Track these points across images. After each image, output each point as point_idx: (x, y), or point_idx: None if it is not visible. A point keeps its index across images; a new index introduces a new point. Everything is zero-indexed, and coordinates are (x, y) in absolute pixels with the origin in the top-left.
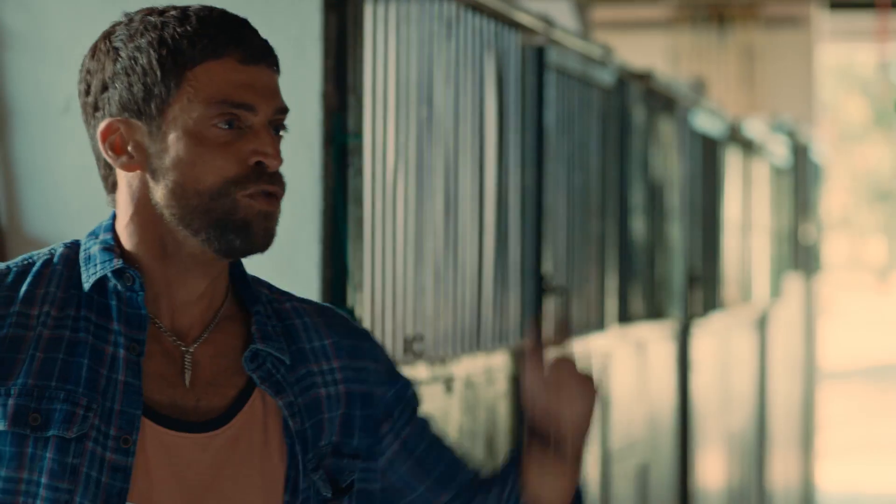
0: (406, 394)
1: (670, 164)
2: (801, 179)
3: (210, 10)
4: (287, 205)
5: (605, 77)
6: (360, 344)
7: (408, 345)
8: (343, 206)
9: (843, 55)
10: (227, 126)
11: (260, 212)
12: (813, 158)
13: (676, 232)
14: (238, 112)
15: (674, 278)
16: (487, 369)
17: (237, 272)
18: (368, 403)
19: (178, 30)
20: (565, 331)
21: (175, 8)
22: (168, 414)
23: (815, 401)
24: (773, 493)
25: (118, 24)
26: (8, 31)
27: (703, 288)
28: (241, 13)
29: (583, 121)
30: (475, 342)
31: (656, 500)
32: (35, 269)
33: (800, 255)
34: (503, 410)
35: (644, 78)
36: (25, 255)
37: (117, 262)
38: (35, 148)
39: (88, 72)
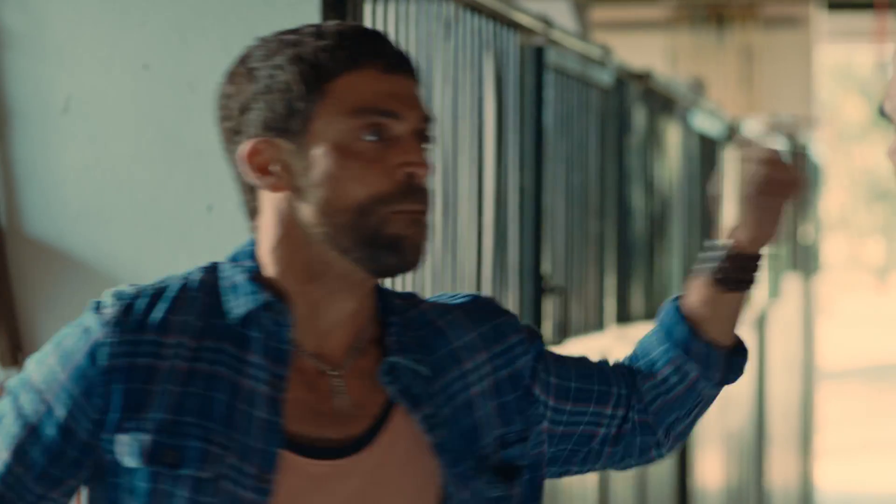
0: (541, 347)
1: (669, 165)
2: None
3: (345, 25)
4: None
5: (604, 77)
6: (499, 321)
7: None
8: None
9: (841, 55)
10: (373, 137)
11: (411, 222)
12: (812, 158)
13: (676, 232)
14: (383, 121)
15: (673, 278)
16: None
17: (377, 287)
18: (517, 383)
19: (316, 44)
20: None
21: (309, 26)
22: (312, 443)
23: (814, 401)
24: (771, 492)
25: (252, 47)
26: (7, 31)
27: None
28: (241, 12)
29: (581, 121)
30: None
31: (655, 500)
32: (171, 294)
33: (798, 256)
34: None
35: (643, 78)
36: (161, 279)
37: (266, 295)
38: (35, 148)
39: (226, 96)
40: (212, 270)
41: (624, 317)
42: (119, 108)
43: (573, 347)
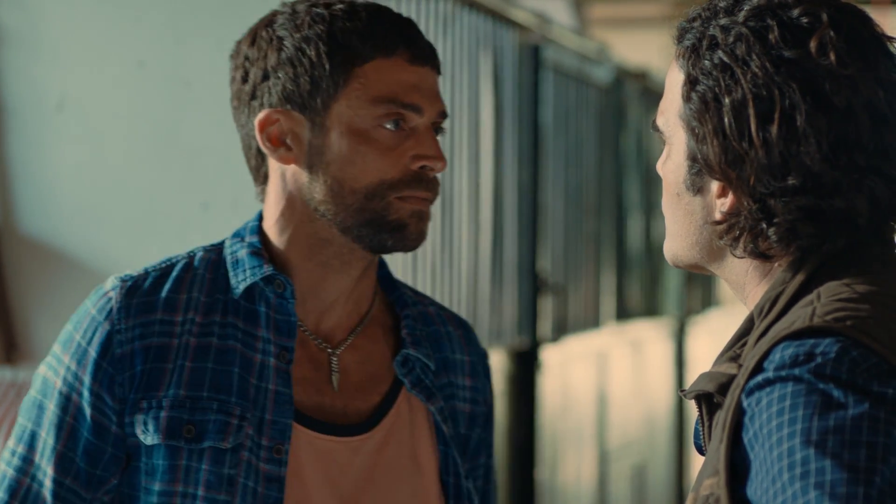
0: (491, 457)
1: None
2: None
3: (378, 8)
4: None
5: (602, 75)
6: (485, 363)
7: None
8: None
9: None
10: (392, 127)
11: (414, 212)
12: None
13: None
14: (405, 112)
15: (670, 276)
16: None
17: (384, 275)
18: (484, 425)
19: (349, 24)
20: None
21: (341, 2)
22: (318, 418)
23: None
24: None
25: (279, 13)
26: (3, 29)
27: (700, 285)
28: (236, 10)
29: (579, 118)
30: None
31: (653, 500)
32: (175, 273)
33: None
34: (499, 409)
35: (640, 76)
36: (164, 259)
37: (268, 269)
38: (29, 146)
39: (247, 59)
40: (217, 247)
41: (621, 314)
42: (114, 106)
43: (571, 344)
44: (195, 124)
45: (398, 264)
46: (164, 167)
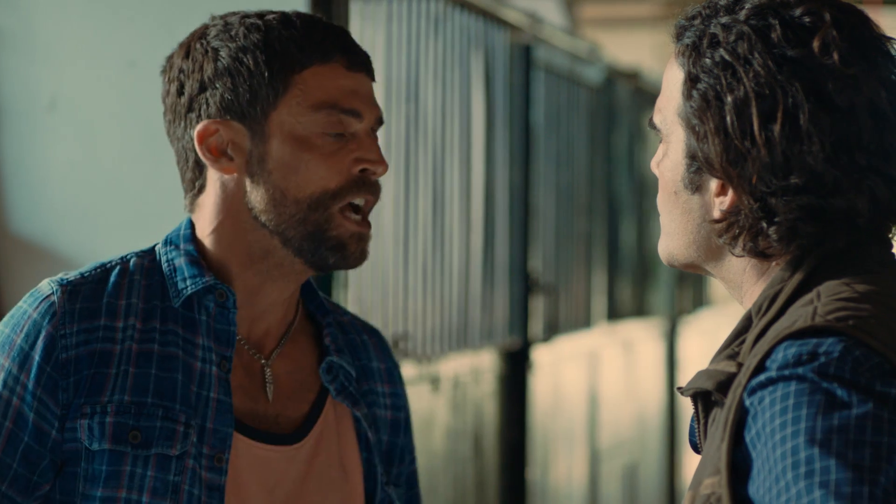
0: (413, 462)
1: None
2: None
3: (311, 17)
4: None
5: (593, 75)
6: (398, 371)
7: (394, 343)
8: None
9: None
10: (334, 133)
11: (353, 234)
12: None
13: None
14: (346, 118)
15: (661, 276)
16: (474, 368)
17: (306, 284)
18: (405, 431)
19: (285, 33)
20: None
21: (272, 12)
22: (254, 426)
23: None
24: None
25: (210, 25)
26: None
27: (691, 286)
28: (228, 10)
29: (570, 118)
30: (462, 341)
31: (644, 500)
32: (113, 278)
33: None
34: (490, 410)
35: (631, 76)
36: (96, 263)
37: (209, 278)
38: (21, 146)
39: (181, 71)
40: (149, 253)
41: (613, 314)
42: (106, 106)
43: (562, 344)
44: None
45: (389, 266)
46: (156, 167)
